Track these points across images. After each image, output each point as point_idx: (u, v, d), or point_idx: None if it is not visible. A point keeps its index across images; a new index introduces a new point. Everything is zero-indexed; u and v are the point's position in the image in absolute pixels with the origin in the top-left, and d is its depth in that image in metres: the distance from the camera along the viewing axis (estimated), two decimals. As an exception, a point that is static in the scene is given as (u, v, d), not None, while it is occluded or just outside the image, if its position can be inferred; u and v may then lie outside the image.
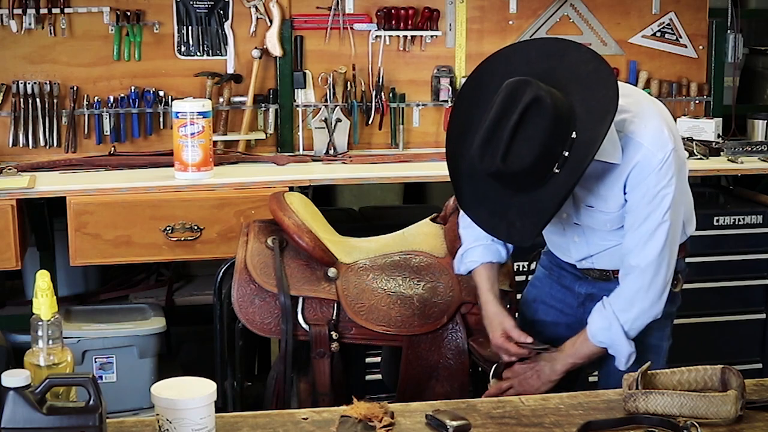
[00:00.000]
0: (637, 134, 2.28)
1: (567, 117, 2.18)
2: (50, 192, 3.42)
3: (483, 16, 4.23)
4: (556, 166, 2.18)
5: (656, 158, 2.27)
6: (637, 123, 2.29)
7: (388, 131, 4.18)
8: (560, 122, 2.16)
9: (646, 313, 2.37)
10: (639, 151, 2.27)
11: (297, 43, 4.07)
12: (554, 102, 2.16)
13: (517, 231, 2.30)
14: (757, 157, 4.01)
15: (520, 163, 2.16)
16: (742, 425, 1.99)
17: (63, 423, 1.74)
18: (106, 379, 3.61)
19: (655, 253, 2.32)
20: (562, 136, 2.17)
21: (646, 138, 2.27)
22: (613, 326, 2.36)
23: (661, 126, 2.30)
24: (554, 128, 2.15)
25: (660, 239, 2.31)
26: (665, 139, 2.28)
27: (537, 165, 2.17)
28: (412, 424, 1.99)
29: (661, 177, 2.28)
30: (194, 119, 3.49)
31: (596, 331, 2.40)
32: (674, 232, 2.34)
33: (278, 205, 2.73)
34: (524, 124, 2.14)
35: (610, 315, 2.37)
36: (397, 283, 2.67)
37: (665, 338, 2.54)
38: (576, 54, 2.30)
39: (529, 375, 2.47)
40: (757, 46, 4.71)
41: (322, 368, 2.60)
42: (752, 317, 4.06)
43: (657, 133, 2.28)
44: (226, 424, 1.96)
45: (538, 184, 2.21)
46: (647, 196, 2.29)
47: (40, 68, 3.90)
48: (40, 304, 1.87)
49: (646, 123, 2.29)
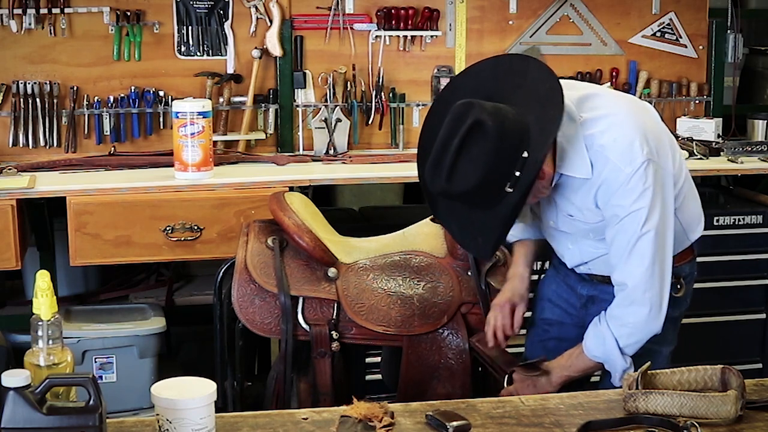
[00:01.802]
0: (606, 148, 2.27)
1: (518, 137, 2.19)
2: (50, 192, 3.42)
3: (483, 16, 4.23)
4: (509, 185, 2.20)
5: (623, 173, 2.25)
6: (606, 137, 2.28)
7: (388, 131, 4.19)
8: (507, 143, 2.18)
9: (641, 329, 2.34)
10: (606, 165, 2.27)
11: (297, 43, 4.07)
12: (498, 124, 2.18)
13: (478, 245, 2.38)
14: (757, 157, 4.01)
15: (464, 184, 2.21)
16: (742, 425, 1.99)
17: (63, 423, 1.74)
18: (106, 379, 3.61)
19: (641, 269, 2.30)
20: (511, 156, 2.19)
21: (614, 152, 2.27)
22: (607, 341, 2.36)
23: (633, 139, 2.27)
24: (499, 150, 2.18)
25: (643, 253, 2.29)
26: (635, 153, 2.26)
27: (483, 186, 2.20)
28: (412, 424, 1.99)
29: (630, 191, 2.26)
30: (194, 119, 3.49)
31: (591, 346, 2.40)
32: (662, 243, 2.31)
33: (278, 205, 2.73)
34: (467, 147, 2.19)
35: (605, 330, 2.36)
36: (397, 283, 2.67)
37: (666, 343, 2.51)
38: (537, 72, 2.31)
39: (526, 384, 2.48)
40: (757, 46, 4.71)
41: (323, 368, 2.60)
42: (752, 317, 4.06)
43: (625, 147, 2.26)
44: (226, 424, 1.96)
45: (492, 202, 2.24)
46: (619, 211, 2.28)
47: (40, 68, 3.90)
48: (40, 304, 1.87)
49: (615, 137, 2.28)
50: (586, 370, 2.45)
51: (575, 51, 4.34)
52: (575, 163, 2.29)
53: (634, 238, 2.28)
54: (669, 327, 2.48)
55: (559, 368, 2.46)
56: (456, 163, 2.20)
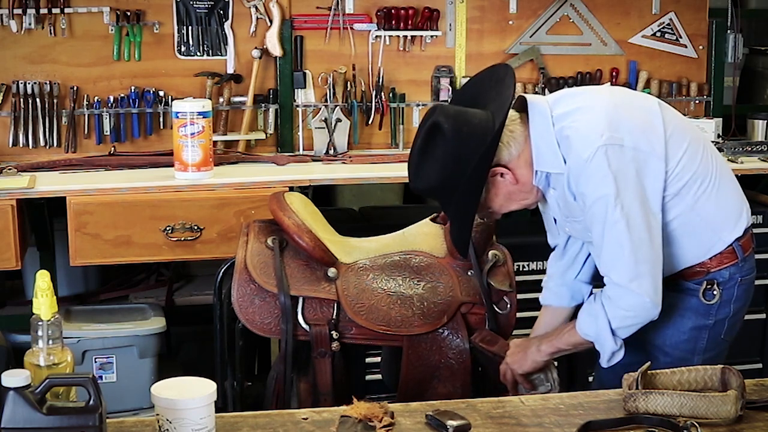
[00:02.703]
0: (570, 138, 2.28)
1: (480, 139, 2.25)
2: (50, 192, 3.42)
3: (483, 16, 4.23)
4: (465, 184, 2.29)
5: (581, 159, 2.24)
6: (573, 128, 2.28)
7: (388, 131, 4.19)
8: (465, 144, 2.26)
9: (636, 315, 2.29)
10: (571, 154, 2.27)
11: (297, 43, 4.07)
12: (456, 127, 2.27)
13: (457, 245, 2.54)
14: (757, 157, 4.01)
15: (426, 182, 2.34)
16: (742, 425, 1.99)
17: (63, 423, 1.74)
18: (106, 379, 3.61)
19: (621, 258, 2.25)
20: (469, 157, 2.25)
21: (576, 140, 2.27)
22: (600, 321, 2.33)
23: (595, 125, 2.26)
24: (456, 150, 2.26)
25: (619, 241, 2.24)
26: (592, 138, 2.23)
27: (443, 185, 2.31)
28: (412, 424, 1.99)
29: (590, 177, 2.24)
30: (194, 119, 3.49)
31: (583, 323, 2.38)
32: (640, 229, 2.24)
33: (278, 205, 2.73)
34: (429, 148, 2.31)
35: (599, 309, 2.33)
36: (397, 283, 2.67)
37: (697, 352, 2.44)
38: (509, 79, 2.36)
39: (516, 351, 2.53)
40: (757, 46, 4.71)
41: (323, 368, 2.60)
42: (752, 317, 4.06)
43: (587, 131, 2.26)
44: (226, 424, 1.96)
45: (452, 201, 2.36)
46: (586, 199, 2.27)
47: (40, 68, 3.90)
48: (40, 304, 1.87)
49: (578, 126, 2.28)
50: (576, 346, 2.43)
51: (575, 51, 4.34)
52: (549, 158, 2.30)
53: (606, 226, 2.25)
54: (698, 335, 2.43)
55: (551, 340, 2.47)
56: (420, 163, 2.34)
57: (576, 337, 2.40)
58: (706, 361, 2.39)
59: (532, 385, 2.53)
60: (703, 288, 2.40)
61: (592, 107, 2.32)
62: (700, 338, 2.44)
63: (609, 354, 2.35)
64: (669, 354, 2.41)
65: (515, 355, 2.53)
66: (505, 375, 2.56)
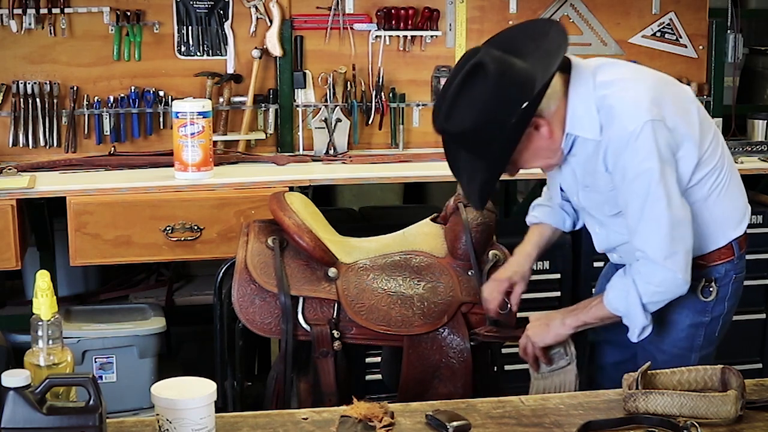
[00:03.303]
0: (614, 107, 2.26)
1: (521, 87, 2.19)
2: (50, 192, 3.42)
3: (483, 16, 4.23)
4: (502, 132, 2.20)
5: (627, 130, 2.22)
6: (616, 97, 2.26)
7: (388, 131, 4.18)
8: (507, 90, 2.18)
9: (666, 290, 2.30)
10: (614, 124, 2.25)
11: (297, 43, 4.07)
12: (500, 70, 2.19)
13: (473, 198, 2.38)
14: (757, 157, 4.01)
15: (460, 123, 2.22)
16: (742, 425, 1.99)
17: (63, 423, 1.74)
18: (106, 379, 3.61)
19: (659, 235, 2.25)
20: (510, 103, 2.18)
21: (621, 110, 2.25)
22: (630, 296, 2.32)
23: (641, 99, 2.25)
24: (498, 95, 2.18)
25: (658, 218, 2.24)
26: (640, 111, 2.22)
27: (478, 128, 2.20)
28: (412, 424, 1.99)
29: (638, 149, 2.22)
30: (194, 119, 3.49)
31: (613, 298, 2.36)
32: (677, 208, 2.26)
33: (278, 205, 2.73)
34: (467, 87, 2.21)
35: (630, 284, 2.32)
36: (397, 283, 2.67)
37: (695, 349, 2.46)
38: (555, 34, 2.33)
39: (538, 324, 2.50)
40: (757, 46, 4.71)
41: (326, 368, 2.59)
42: (752, 317, 4.06)
43: (634, 105, 2.24)
44: (226, 424, 1.96)
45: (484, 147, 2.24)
46: (628, 172, 2.24)
47: (40, 68, 3.90)
48: (40, 304, 1.87)
49: (625, 96, 2.26)
50: (603, 320, 2.42)
51: (575, 51, 4.26)
52: (585, 123, 2.27)
53: (646, 201, 2.24)
54: (695, 333, 2.44)
55: (578, 313, 2.45)
56: (455, 103, 2.22)
57: (604, 311, 2.39)
58: (702, 359, 2.43)
59: (550, 361, 2.53)
60: (701, 285, 2.42)
61: (637, 81, 2.31)
62: (697, 336, 2.46)
63: (639, 329, 2.35)
64: (666, 352, 2.42)
65: (536, 328, 2.50)
66: (526, 349, 2.54)
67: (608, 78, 2.30)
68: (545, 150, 2.33)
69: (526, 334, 2.53)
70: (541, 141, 2.30)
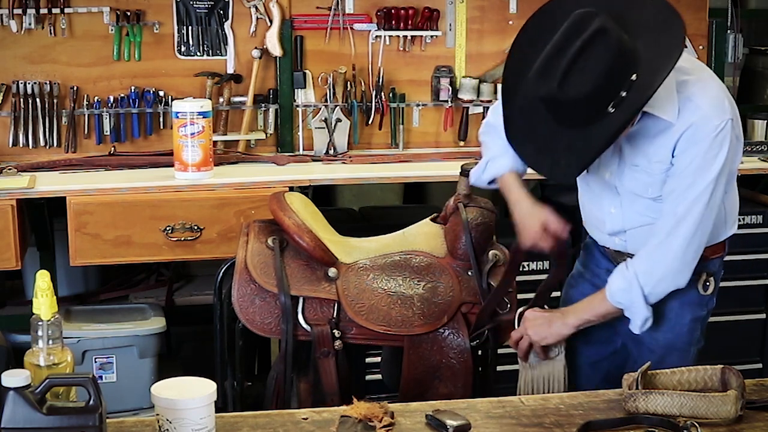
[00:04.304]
0: (697, 96, 2.25)
1: (630, 57, 2.15)
2: (50, 192, 3.42)
3: (483, 16, 4.23)
4: (612, 104, 2.15)
5: (712, 123, 2.23)
6: (698, 86, 2.27)
7: (388, 131, 4.18)
8: (623, 59, 2.13)
9: (669, 280, 2.32)
10: (696, 113, 2.24)
11: (297, 43, 4.07)
12: (620, 37, 2.14)
13: (560, 168, 2.28)
14: (757, 157, 4.01)
15: (576, 91, 2.13)
16: (742, 425, 1.99)
17: (63, 423, 1.74)
18: (106, 379, 3.61)
19: (689, 230, 2.28)
20: (623, 74, 2.14)
21: (705, 102, 2.25)
22: (633, 288, 2.33)
23: (723, 96, 2.28)
24: (616, 63, 2.13)
25: (699, 209, 2.27)
26: (725, 108, 2.25)
27: (593, 97, 2.14)
28: (412, 424, 1.99)
29: (714, 145, 2.24)
30: (194, 119, 3.49)
31: (615, 291, 2.37)
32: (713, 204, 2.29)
33: (278, 205, 2.73)
34: (586, 53, 2.12)
35: (632, 276, 2.33)
36: (397, 283, 2.67)
37: (693, 342, 2.49)
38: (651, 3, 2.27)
39: (539, 323, 2.49)
40: (757, 46, 4.71)
41: (327, 368, 2.59)
42: (752, 317, 4.06)
43: (717, 101, 2.26)
44: (226, 424, 1.96)
45: (591, 120, 2.17)
46: (695, 162, 2.25)
47: (40, 68, 3.90)
48: (40, 304, 1.87)
49: (707, 88, 2.28)
50: (606, 316, 2.42)
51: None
52: (664, 104, 2.25)
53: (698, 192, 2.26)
54: (695, 326, 2.48)
55: (579, 311, 2.45)
56: (572, 68, 2.12)
57: (607, 307, 2.39)
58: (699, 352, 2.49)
59: (546, 355, 2.52)
60: (702, 279, 2.44)
61: (711, 75, 2.34)
62: (696, 329, 2.49)
63: (642, 320, 2.36)
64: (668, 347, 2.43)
65: (537, 327, 2.49)
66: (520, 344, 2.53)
67: (688, 66, 2.30)
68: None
69: (525, 332, 2.52)
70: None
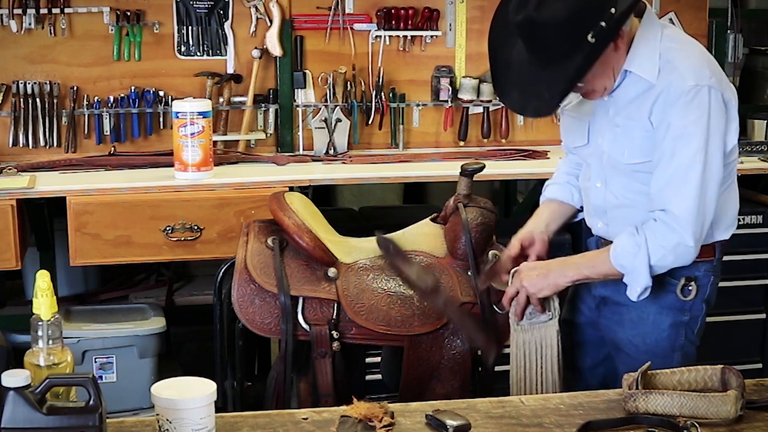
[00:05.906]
0: (676, 60, 2.26)
1: None
2: (50, 192, 3.42)
3: (483, 16, 4.23)
4: (592, 34, 2.16)
5: (686, 84, 2.22)
6: (680, 52, 2.28)
7: (388, 131, 4.18)
8: None
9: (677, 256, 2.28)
10: (672, 74, 2.24)
11: (297, 43, 4.07)
12: None
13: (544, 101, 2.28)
14: (757, 157, 4.01)
15: (552, 13, 2.15)
16: (742, 425, 1.99)
17: (63, 423, 1.74)
18: (106, 379, 3.61)
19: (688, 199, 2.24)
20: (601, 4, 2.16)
21: (683, 65, 2.25)
22: (640, 255, 2.29)
23: (703, 64, 2.27)
24: None
25: (692, 183, 2.24)
26: (703, 74, 2.24)
27: (570, 22, 2.15)
28: (412, 424, 1.99)
29: (690, 110, 2.22)
30: (194, 119, 3.49)
31: (620, 254, 2.32)
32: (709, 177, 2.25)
33: (278, 205, 2.73)
34: None
35: (642, 242, 2.29)
36: (397, 283, 2.67)
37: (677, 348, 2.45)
38: None
39: (536, 273, 2.44)
40: (757, 46, 4.71)
41: (323, 368, 2.59)
42: (752, 317, 4.06)
43: (696, 66, 2.26)
44: (226, 424, 1.96)
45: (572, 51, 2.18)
46: (672, 129, 2.23)
47: (40, 68, 3.90)
48: (40, 304, 1.87)
49: (689, 55, 2.29)
50: (605, 275, 2.38)
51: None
52: (644, 63, 2.27)
53: (685, 164, 2.23)
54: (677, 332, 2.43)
55: (580, 266, 2.42)
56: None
57: (607, 267, 2.35)
58: (684, 356, 2.44)
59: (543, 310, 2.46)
60: (681, 284, 2.40)
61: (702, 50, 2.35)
62: (679, 335, 2.45)
63: (642, 288, 2.32)
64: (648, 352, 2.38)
65: (533, 278, 2.43)
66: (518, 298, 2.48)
67: (676, 36, 2.33)
68: (608, 70, 2.29)
69: (521, 284, 2.45)
70: (613, 57, 2.27)
